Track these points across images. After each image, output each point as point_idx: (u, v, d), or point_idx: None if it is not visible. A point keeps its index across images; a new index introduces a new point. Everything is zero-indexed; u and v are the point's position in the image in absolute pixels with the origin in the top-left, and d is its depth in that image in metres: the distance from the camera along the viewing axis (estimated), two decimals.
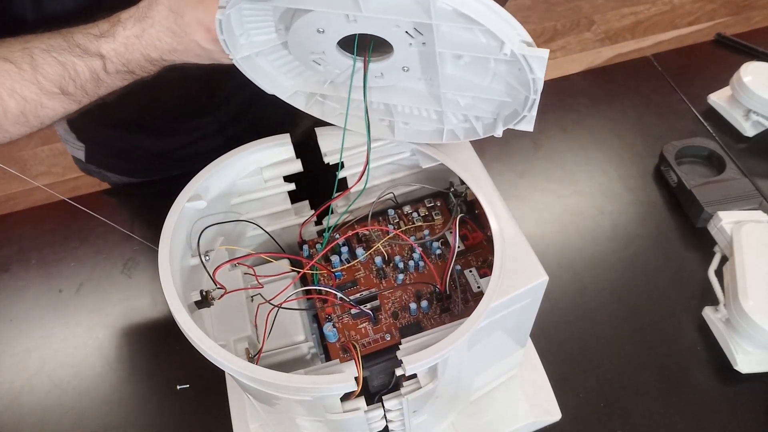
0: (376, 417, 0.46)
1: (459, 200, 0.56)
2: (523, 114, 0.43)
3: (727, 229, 0.69)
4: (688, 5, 2.07)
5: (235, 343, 0.48)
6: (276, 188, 0.55)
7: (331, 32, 0.41)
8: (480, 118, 0.48)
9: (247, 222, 0.56)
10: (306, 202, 0.60)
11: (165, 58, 0.50)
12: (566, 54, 1.94)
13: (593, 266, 0.73)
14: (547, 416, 0.59)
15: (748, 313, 0.60)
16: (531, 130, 0.44)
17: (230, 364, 0.40)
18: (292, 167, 0.54)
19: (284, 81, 0.50)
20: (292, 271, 0.54)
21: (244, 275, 0.52)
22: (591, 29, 2.01)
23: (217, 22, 0.41)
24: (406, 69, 0.43)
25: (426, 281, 0.53)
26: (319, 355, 0.53)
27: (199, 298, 0.47)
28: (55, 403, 0.65)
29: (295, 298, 0.51)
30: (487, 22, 0.35)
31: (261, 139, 0.53)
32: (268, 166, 0.54)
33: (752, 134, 0.84)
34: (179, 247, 0.48)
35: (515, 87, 0.42)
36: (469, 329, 0.40)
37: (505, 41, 0.36)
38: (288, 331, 0.51)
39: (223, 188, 0.52)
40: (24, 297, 0.74)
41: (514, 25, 0.37)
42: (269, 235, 0.57)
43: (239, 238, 0.57)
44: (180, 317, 0.42)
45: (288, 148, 0.53)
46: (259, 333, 0.50)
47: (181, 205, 0.48)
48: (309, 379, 0.39)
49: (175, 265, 0.46)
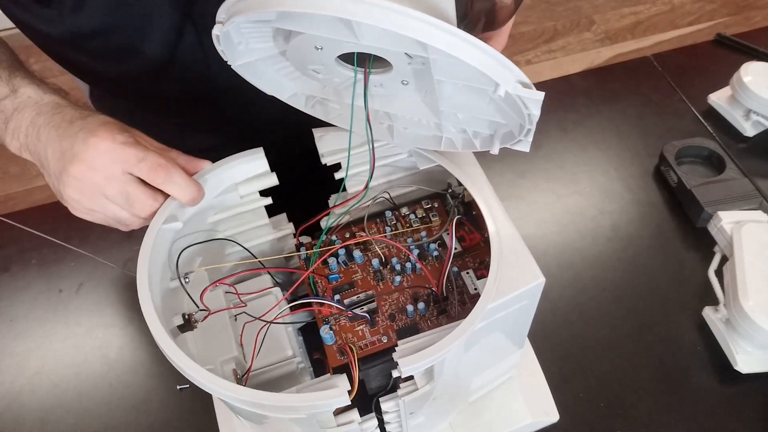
0: (370, 427, 0.46)
1: (456, 202, 0.56)
2: (519, 138, 0.44)
3: (727, 229, 0.69)
4: (688, 5, 2.07)
5: (222, 365, 0.48)
6: (252, 203, 0.54)
7: (329, 50, 0.41)
8: (478, 133, 0.48)
9: (226, 240, 0.55)
10: (284, 215, 0.59)
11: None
12: (566, 54, 1.94)
13: (593, 266, 0.73)
14: (546, 417, 0.59)
15: (748, 313, 0.60)
16: (527, 151, 0.44)
17: (221, 389, 0.39)
18: (268, 181, 0.53)
19: (284, 83, 0.50)
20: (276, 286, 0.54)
21: (226, 294, 0.52)
22: (591, 29, 2.01)
23: (214, 37, 0.41)
24: (405, 83, 0.43)
25: (423, 283, 0.53)
26: (308, 368, 0.53)
27: (182, 321, 0.46)
28: (55, 403, 0.65)
29: (287, 313, 0.51)
30: (484, 67, 0.35)
31: (234, 155, 0.51)
32: (243, 182, 0.53)
33: (752, 134, 0.84)
34: (158, 271, 0.47)
35: (511, 115, 0.42)
36: (465, 331, 0.40)
37: (500, 83, 0.36)
38: (275, 348, 0.50)
39: (199, 207, 0.50)
40: (24, 297, 0.74)
41: (510, 68, 0.36)
42: (248, 251, 0.56)
43: (218, 257, 0.56)
44: (165, 344, 0.41)
45: (262, 162, 0.52)
46: (246, 352, 0.49)
47: (156, 227, 0.47)
48: (302, 397, 0.39)
49: (155, 290, 0.45)
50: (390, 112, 0.49)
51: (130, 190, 0.46)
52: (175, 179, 0.47)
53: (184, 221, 0.49)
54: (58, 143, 0.48)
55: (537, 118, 0.40)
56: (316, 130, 0.54)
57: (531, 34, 2.00)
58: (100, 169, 0.46)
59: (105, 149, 0.46)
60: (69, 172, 0.46)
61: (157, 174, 0.46)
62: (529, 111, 0.39)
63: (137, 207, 0.47)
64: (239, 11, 0.37)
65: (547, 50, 1.96)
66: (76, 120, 0.48)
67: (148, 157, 0.46)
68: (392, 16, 0.33)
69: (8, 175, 1.71)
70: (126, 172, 0.46)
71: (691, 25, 2.00)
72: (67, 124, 0.48)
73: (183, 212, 0.49)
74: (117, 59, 0.60)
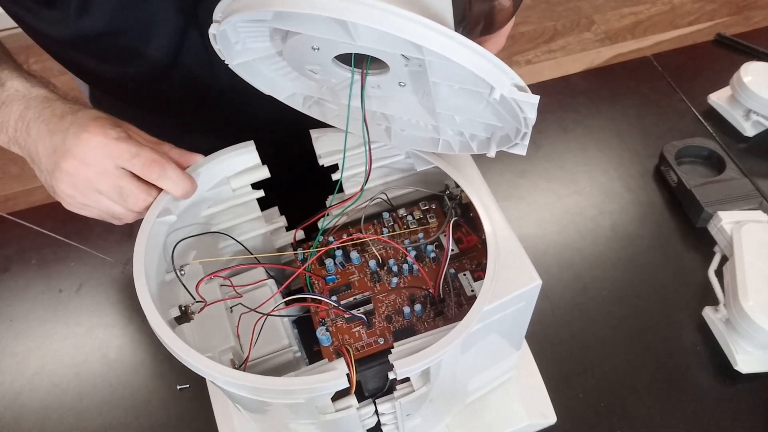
0: (368, 413, 0.46)
1: (454, 203, 0.56)
2: (515, 141, 0.44)
3: (727, 229, 0.69)
4: (688, 5, 2.07)
5: (220, 355, 0.48)
6: (244, 196, 0.55)
7: (326, 50, 0.41)
8: (475, 136, 0.48)
9: (219, 233, 0.55)
10: (275, 208, 0.59)
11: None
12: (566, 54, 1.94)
13: (593, 266, 0.73)
14: (543, 419, 0.59)
15: (748, 313, 0.60)
16: (524, 154, 0.44)
17: (222, 375, 0.40)
18: (259, 174, 0.53)
19: (282, 83, 0.50)
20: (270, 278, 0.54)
21: (221, 287, 0.52)
22: (591, 29, 2.01)
23: (211, 36, 0.41)
24: (402, 84, 0.43)
25: (420, 285, 0.53)
26: (303, 358, 0.53)
27: (179, 313, 0.47)
28: (55, 403, 0.65)
29: (283, 306, 0.51)
30: (479, 70, 0.35)
31: (225, 148, 0.52)
32: (234, 175, 0.53)
33: (752, 134, 0.84)
34: (153, 263, 0.47)
35: (508, 119, 0.42)
36: (461, 333, 0.40)
37: (495, 87, 0.36)
38: (271, 338, 0.51)
39: (192, 200, 0.51)
40: (24, 297, 0.74)
41: (505, 71, 0.36)
42: (241, 244, 0.56)
43: (212, 249, 0.56)
44: (164, 334, 0.42)
45: (253, 155, 0.52)
46: (243, 343, 0.49)
47: (151, 220, 0.47)
48: (302, 381, 0.39)
49: (152, 283, 0.45)
50: (387, 113, 0.49)
51: (123, 185, 0.46)
52: (169, 174, 0.47)
53: (178, 214, 0.49)
54: (49, 139, 0.47)
55: (533, 122, 0.40)
56: (313, 131, 0.54)
57: (531, 34, 2.00)
58: (92, 165, 0.46)
59: (97, 144, 0.46)
60: (61, 167, 0.46)
61: (152, 170, 0.46)
62: (525, 114, 0.39)
63: (131, 201, 0.47)
64: (235, 10, 0.37)
65: (547, 50, 1.96)
66: (66, 115, 0.48)
67: (142, 152, 0.46)
68: (387, 18, 0.33)
69: (8, 175, 1.72)
70: (119, 167, 0.46)
71: (691, 25, 2.00)
72: (57, 119, 0.48)
73: (177, 205, 0.50)
74: (120, 61, 0.60)
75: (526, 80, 0.38)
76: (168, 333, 0.42)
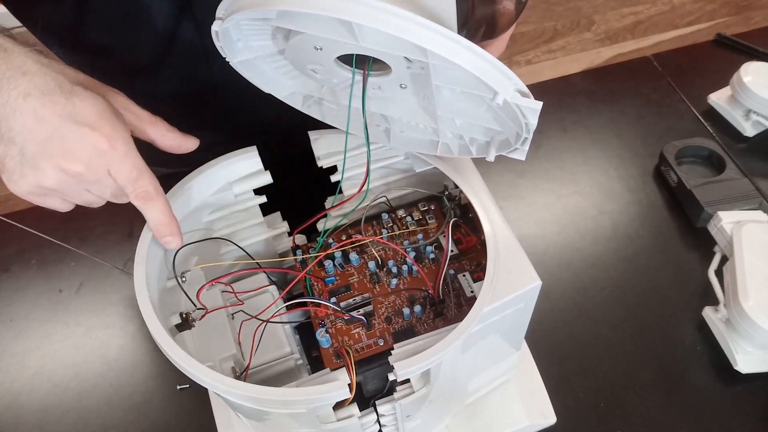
0: (369, 422, 0.46)
1: (453, 204, 0.56)
2: (515, 146, 0.43)
3: (727, 229, 0.69)
4: (688, 5, 2.07)
5: (221, 363, 0.48)
6: (246, 202, 0.54)
7: (328, 50, 0.41)
8: (474, 140, 0.48)
9: (221, 239, 0.55)
10: (278, 213, 0.59)
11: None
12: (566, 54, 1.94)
13: (593, 266, 0.73)
14: (543, 419, 0.59)
15: (748, 313, 0.60)
16: (523, 159, 0.44)
17: (222, 386, 0.40)
18: (262, 179, 0.53)
19: (282, 81, 0.50)
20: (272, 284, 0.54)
21: (222, 293, 0.52)
22: (591, 29, 2.01)
23: (213, 33, 0.41)
24: (403, 86, 0.43)
25: (419, 286, 0.53)
26: (305, 366, 0.53)
27: (180, 321, 0.46)
28: (55, 403, 0.65)
29: (284, 312, 0.51)
30: (483, 74, 0.35)
31: (227, 153, 0.51)
32: (237, 181, 0.53)
33: (752, 134, 0.84)
34: (154, 270, 0.47)
35: (508, 123, 0.42)
36: (461, 334, 0.40)
37: (499, 91, 0.36)
38: (272, 346, 0.51)
39: (194, 206, 0.51)
40: (24, 297, 0.74)
41: (509, 76, 0.36)
42: (243, 250, 0.56)
43: (213, 255, 0.56)
44: (165, 343, 0.41)
45: (256, 160, 0.52)
46: (244, 350, 0.49)
47: None
48: (302, 391, 0.39)
49: (153, 289, 0.45)
50: (387, 114, 0.49)
51: (111, 188, 0.44)
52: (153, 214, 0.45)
53: (180, 220, 0.49)
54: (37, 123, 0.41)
55: (534, 128, 0.40)
56: (311, 133, 0.54)
57: (531, 34, 2.00)
58: (93, 171, 0.43)
59: (102, 153, 0.42)
60: (59, 164, 0.42)
61: (143, 201, 0.44)
62: (527, 120, 0.39)
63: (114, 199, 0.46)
64: (239, 8, 0.37)
65: (547, 50, 1.96)
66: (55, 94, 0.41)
67: (141, 180, 0.44)
68: (393, 20, 0.33)
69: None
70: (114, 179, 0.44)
71: (691, 25, 2.00)
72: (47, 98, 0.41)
73: (177, 211, 0.49)
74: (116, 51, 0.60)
75: (526, 80, 0.38)
76: (169, 342, 0.41)
